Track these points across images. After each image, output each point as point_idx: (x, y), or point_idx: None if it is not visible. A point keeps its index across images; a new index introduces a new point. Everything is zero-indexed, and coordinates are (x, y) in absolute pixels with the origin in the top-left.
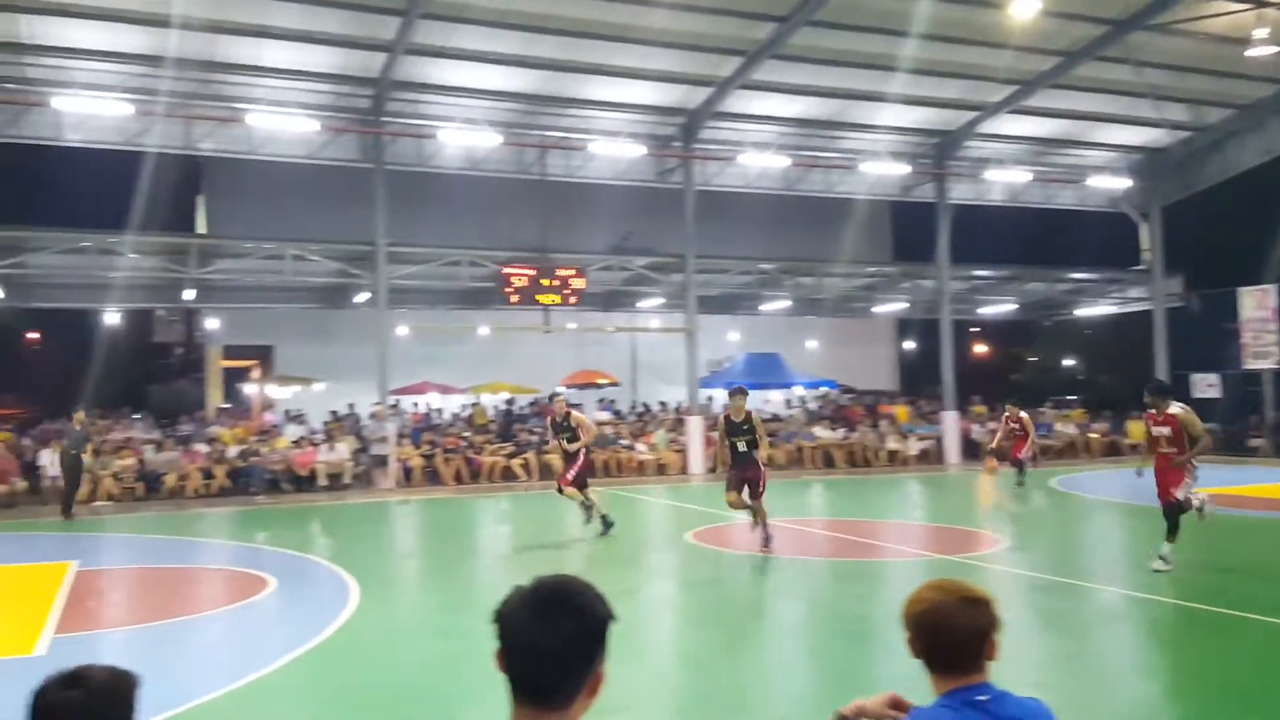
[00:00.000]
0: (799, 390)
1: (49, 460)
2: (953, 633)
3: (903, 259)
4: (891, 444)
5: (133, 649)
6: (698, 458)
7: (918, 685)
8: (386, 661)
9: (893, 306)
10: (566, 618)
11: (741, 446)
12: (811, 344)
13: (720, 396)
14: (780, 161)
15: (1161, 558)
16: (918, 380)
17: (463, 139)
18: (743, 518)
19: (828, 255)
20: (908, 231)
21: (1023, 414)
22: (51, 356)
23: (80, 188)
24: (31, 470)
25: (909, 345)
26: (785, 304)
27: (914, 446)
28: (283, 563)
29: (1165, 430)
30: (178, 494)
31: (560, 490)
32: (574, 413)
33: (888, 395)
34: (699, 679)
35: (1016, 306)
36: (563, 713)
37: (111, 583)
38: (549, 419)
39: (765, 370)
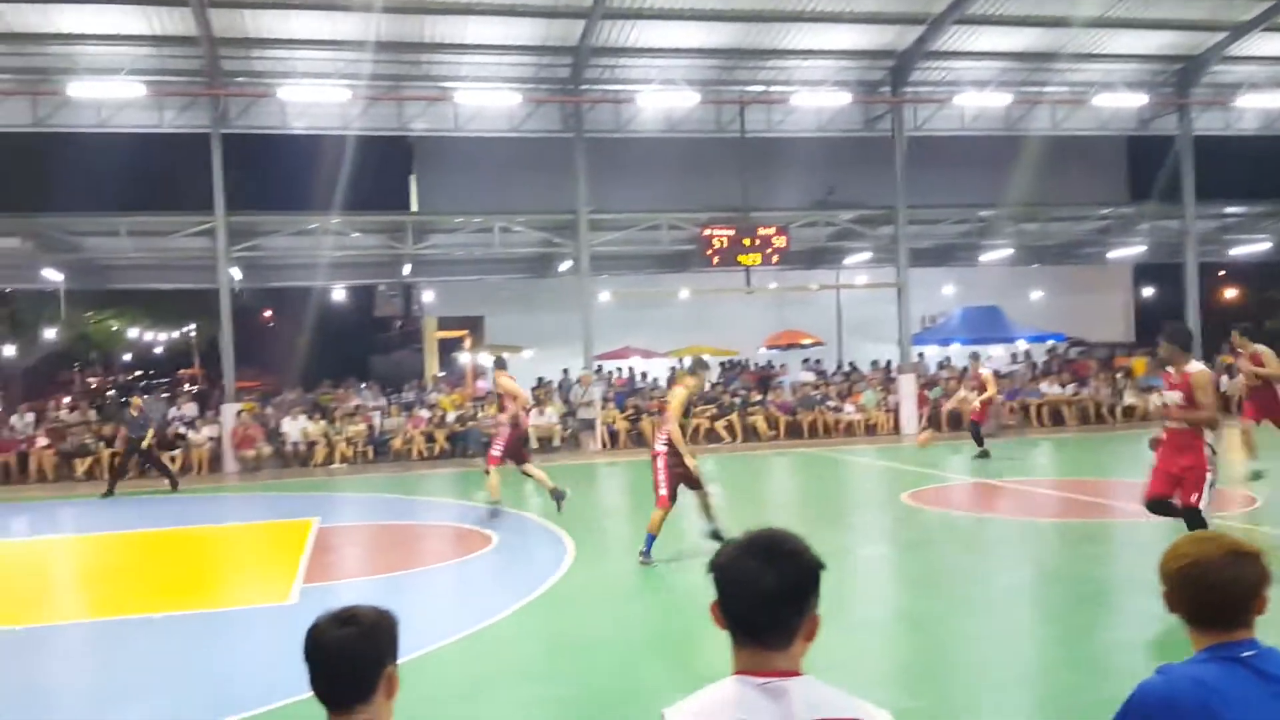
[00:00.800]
0: (1022, 344)
1: (290, 427)
2: (1217, 587)
3: (1140, 198)
4: (1129, 399)
5: (371, 598)
6: (910, 417)
7: (1151, 648)
8: (602, 613)
9: (1129, 251)
10: (782, 563)
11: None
12: (1036, 295)
13: (933, 354)
14: (1000, 100)
15: None
16: (1157, 330)
17: (660, 101)
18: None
19: (1054, 198)
20: (1145, 169)
21: (983, 371)
22: (284, 332)
23: (305, 172)
24: (275, 436)
25: (1147, 292)
26: (1006, 253)
27: (1155, 401)
28: (501, 520)
29: (1176, 396)
30: (403, 456)
31: (485, 472)
32: (500, 378)
33: (1124, 347)
34: (919, 641)
35: (1272, 245)
36: (784, 653)
37: (349, 538)
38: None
39: (984, 324)
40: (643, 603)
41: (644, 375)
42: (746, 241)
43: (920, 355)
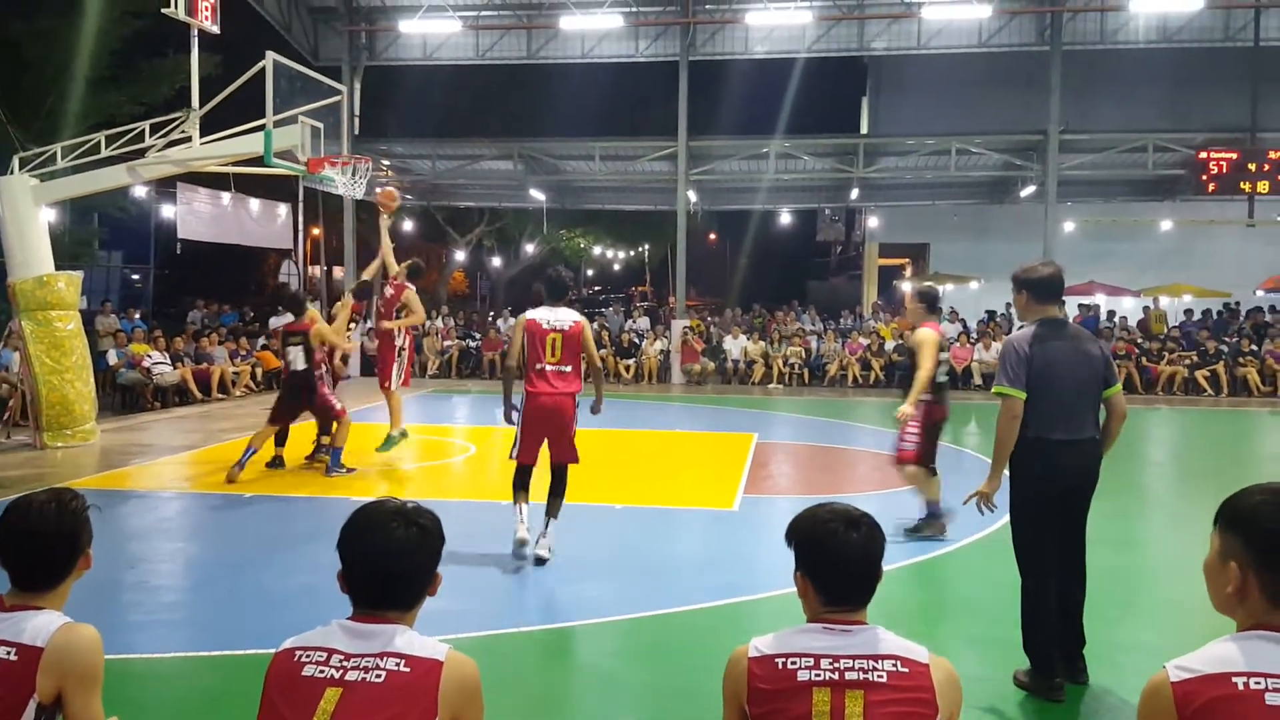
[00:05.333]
0: None
1: (731, 345)
2: None
3: None
4: None
5: None
6: None
7: None
8: None
9: None
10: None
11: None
12: None
13: None
14: None
15: None
16: None
17: (1156, 6)
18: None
19: None
20: None
21: None
22: (727, 254)
23: (757, 97)
24: (717, 352)
25: None
26: None
27: None
28: (943, 454)
29: None
30: (837, 382)
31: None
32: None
33: None
34: None
35: None
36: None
37: (785, 455)
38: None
39: None
40: (1096, 556)
41: (1110, 314)
42: (1252, 166)
43: None
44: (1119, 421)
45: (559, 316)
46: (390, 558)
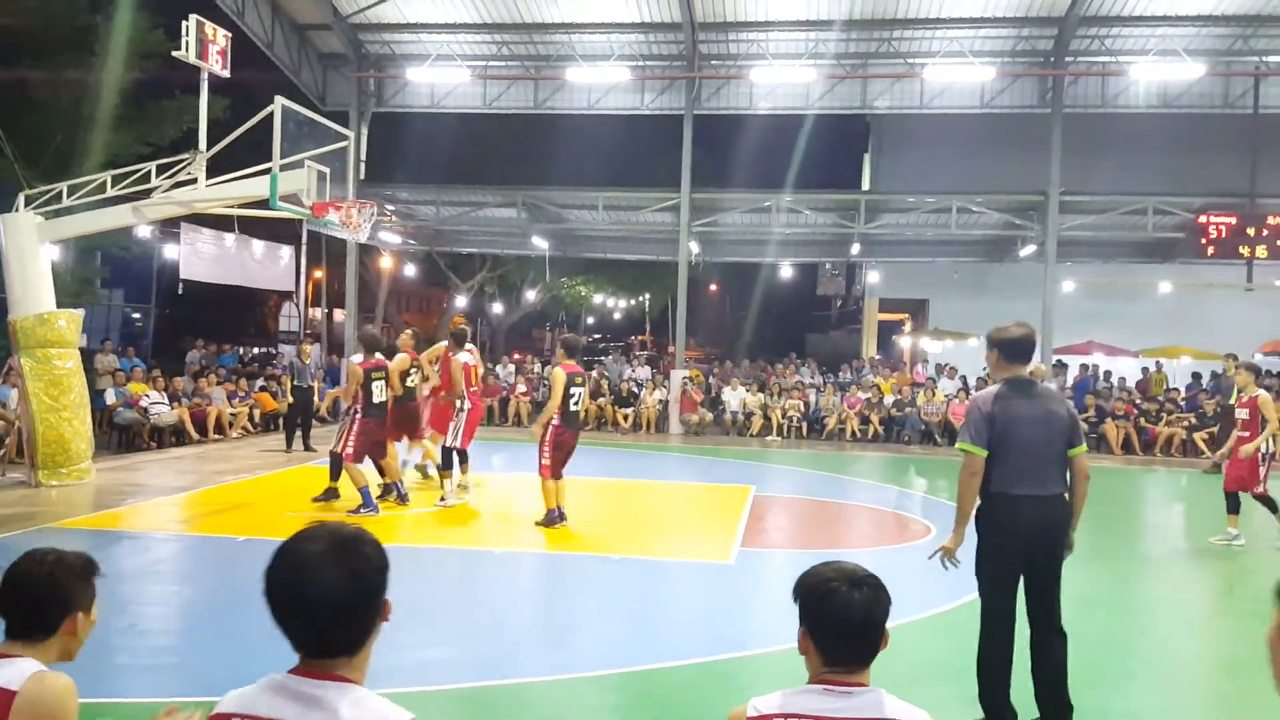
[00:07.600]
0: None
1: (730, 397)
2: None
3: None
4: None
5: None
6: None
7: None
8: None
9: None
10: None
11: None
12: None
13: None
14: None
15: None
16: None
17: (1156, 73)
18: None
19: None
20: None
21: (1261, 393)
22: (727, 305)
23: (760, 151)
24: (715, 403)
25: None
26: None
27: None
28: (942, 511)
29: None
30: (835, 436)
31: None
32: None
33: None
34: None
35: None
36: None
37: (784, 509)
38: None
39: None
40: (1089, 616)
41: (1106, 374)
42: (1251, 231)
43: None
44: (1083, 482)
45: (472, 357)
46: (323, 604)
